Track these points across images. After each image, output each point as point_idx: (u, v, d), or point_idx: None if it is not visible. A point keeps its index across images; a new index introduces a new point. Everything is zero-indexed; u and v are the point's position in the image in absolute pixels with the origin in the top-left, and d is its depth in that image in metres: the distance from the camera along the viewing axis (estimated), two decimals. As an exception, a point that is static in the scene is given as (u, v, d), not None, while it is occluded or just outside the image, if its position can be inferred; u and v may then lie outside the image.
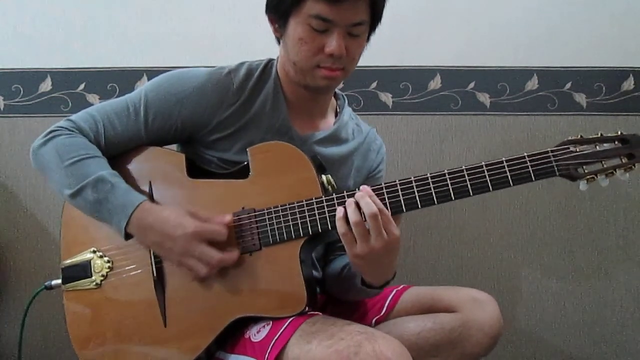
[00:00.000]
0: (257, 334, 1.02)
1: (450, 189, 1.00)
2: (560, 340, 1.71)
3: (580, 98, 1.70)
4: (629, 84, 1.70)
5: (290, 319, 1.00)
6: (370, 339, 0.88)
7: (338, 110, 1.28)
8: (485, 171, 0.99)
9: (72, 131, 1.10)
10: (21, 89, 1.69)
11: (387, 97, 1.70)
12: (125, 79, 1.67)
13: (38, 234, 1.69)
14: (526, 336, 1.71)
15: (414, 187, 1.01)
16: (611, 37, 1.70)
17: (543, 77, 1.70)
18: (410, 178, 1.01)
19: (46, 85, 1.69)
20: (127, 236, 1.05)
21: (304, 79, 1.12)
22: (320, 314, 1.09)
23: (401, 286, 1.24)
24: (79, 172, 1.06)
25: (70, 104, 1.68)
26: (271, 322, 1.01)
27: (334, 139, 1.23)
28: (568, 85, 1.70)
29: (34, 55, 1.69)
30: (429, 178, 1.01)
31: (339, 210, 0.98)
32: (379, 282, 1.07)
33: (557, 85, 1.70)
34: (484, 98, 1.71)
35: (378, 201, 0.97)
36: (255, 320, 1.04)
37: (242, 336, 1.04)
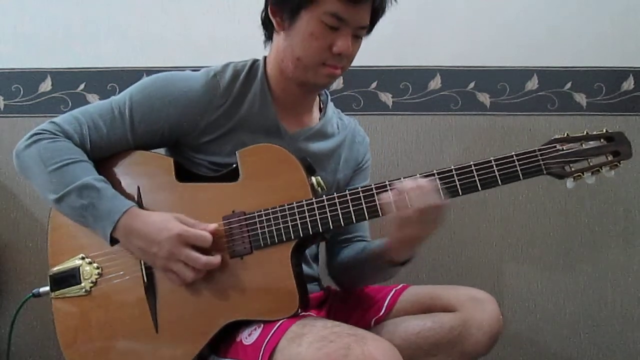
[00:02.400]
0: (248, 336, 1.02)
1: (440, 189, 1.00)
2: (560, 340, 1.71)
3: (580, 98, 1.70)
4: (629, 84, 1.70)
5: (281, 321, 0.99)
6: (360, 341, 0.88)
7: (322, 105, 1.29)
8: (474, 171, 1.00)
9: (56, 135, 1.09)
10: (21, 89, 1.69)
11: (387, 97, 1.70)
12: (125, 79, 1.67)
13: (38, 234, 1.69)
14: (526, 336, 1.71)
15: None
16: (611, 37, 1.70)
17: (543, 77, 1.70)
18: (401, 179, 1.02)
19: (46, 85, 1.69)
20: (112, 241, 1.05)
21: (305, 75, 1.12)
22: (313, 314, 1.09)
23: (400, 285, 1.24)
24: (63, 177, 1.05)
25: (70, 104, 1.68)
26: (262, 325, 1.01)
27: (321, 134, 1.24)
28: (568, 85, 1.70)
29: (34, 55, 1.69)
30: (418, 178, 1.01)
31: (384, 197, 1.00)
32: (405, 257, 1.11)
33: (557, 85, 1.70)
34: (484, 98, 1.71)
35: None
36: (246, 323, 1.04)
37: (234, 340, 1.04)
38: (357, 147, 1.31)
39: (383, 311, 1.20)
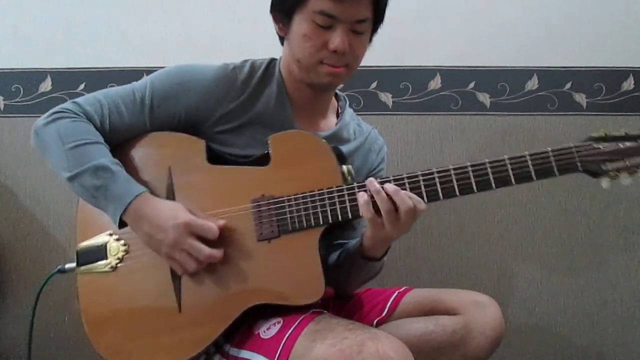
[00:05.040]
0: (267, 330, 1.02)
1: (473, 182, 1.00)
2: (560, 340, 1.71)
3: (580, 98, 1.71)
4: (629, 84, 1.70)
5: (301, 317, 1.00)
6: (374, 338, 0.89)
7: (339, 110, 1.30)
8: (508, 164, 1.00)
9: (77, 114, 1.10)
10: (21, 89, 1.69)
11: (387, 97, 1.70)
12: (125, 79, 1.65)
13: (38, 234, 1.69)
14: (526, 336, 1.71)
15: (436, 179, 1.01)
16: (611, 37, 1.70)
17: (543, 77, 1.70)
18: (432, 170, 1.01)
19: (46, 85, 1.69)
20: (121, 224, 1.05)
21: (308, 76, 1.13)
22: (325, 312, 1.09)
23: (403, 288, 1.24)
24: (79, 156, 1.06)
25: (70, 104, 1.68)
26: (282, 321, 1.01)
27: (336, 139, 1.24)
28: (568, 85, 1.70)
29: (34, 55, 1.69)
30: (451, 170, 1.01)
31: (362, 195, 1.00)
32: (381, 253, 1.11)
33: (557, 85, 1.70)
34: (484, 98, 1.71)
35: (413, 196, 0.99)
36: (265, 317, 1.04)
37: (251, 333, 1.04)
38: (372, 157, 1.31)
39: (385, 313, 1.20)
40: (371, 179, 1.02)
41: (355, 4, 1.07)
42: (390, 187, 0.99)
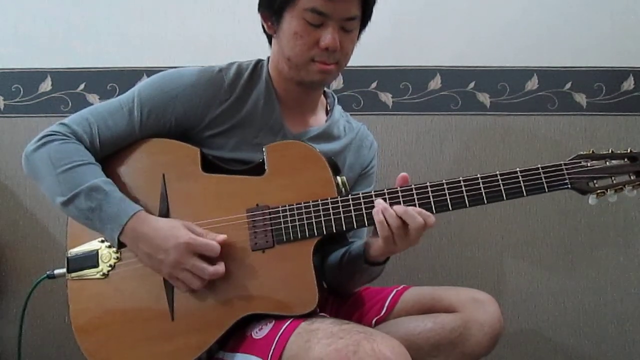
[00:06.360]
0: (259, 331, 1.02)
1: (465, 196, 1.03)
2: (560, 340, 1.71)
3: (580, 98, 1.70)
4: (629, 84, 1.70)
5: (292, 317, 1.00)
6: (369, 338, 0.89)
7: (328, 108, 1.30)
8: (500, 180, 1.02)
9: (67, 136, 1.10)
10: (21, 89, 1.69)
11: (387, 97, 1.70)
12: (125, 79, 1.67)
13: (38, 234, 1.69)
14: (526, 336, 1.71)
15: (429, 192, 1.03)
16: (611, 37, 1.70)
17: (543, 77, 1.70)
18: (426, 183, 1.03)
19: (46, 85, 1.69)
20: (120, 245, 1.05)
21: (298, 74, 1.13)
22: (318, 312, 1.09)
23: (401, 286, 1.25)
24: (72, 179, 1.05)
25: (70, 104, 1.68)
26: (273, 320, 1.02)
27: (326, 136, 1.24)
28: (568, 85, 1.70)
29: (34, 55, 1.69)
30: (445, 184, 1.03)
31: (377, 213, 1.01)
32: (384, 257, 1.11)
33: (557, 85, 1.70)
34: (484, 98, 1.71)
35: (422, 211, 1.01)
36: (257, 318, 1.04)
37: (243, 335, 1.05)
38: (364, 153, 1.32)
39: (384, 312, 1.20)
40: (379, 199, 1.02)
41: (345, 1, 1.07)
42: (398, 207, 1.00)
